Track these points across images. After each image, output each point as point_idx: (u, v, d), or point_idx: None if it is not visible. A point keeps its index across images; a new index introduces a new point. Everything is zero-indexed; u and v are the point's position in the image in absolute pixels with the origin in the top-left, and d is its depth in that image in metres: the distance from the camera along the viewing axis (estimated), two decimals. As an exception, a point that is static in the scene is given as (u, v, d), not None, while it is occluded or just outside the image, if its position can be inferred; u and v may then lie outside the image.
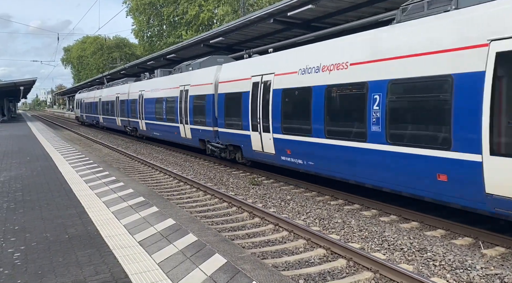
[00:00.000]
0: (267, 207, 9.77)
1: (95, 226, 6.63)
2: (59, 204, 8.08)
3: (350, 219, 8.61)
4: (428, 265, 6.25)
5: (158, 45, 55.03)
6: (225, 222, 8.87)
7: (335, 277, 6.02)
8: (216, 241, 5.68)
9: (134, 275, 4.75)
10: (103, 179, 10.60)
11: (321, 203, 9.96)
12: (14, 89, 40.63)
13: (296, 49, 11.85)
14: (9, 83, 38.11)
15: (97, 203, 8.21)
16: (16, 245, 5.83)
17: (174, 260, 5.16)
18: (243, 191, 11.46)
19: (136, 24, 59.54)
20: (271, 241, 7.58)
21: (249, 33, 19.29)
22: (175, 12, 52.08)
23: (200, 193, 11.52)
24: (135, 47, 73.07)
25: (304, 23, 16.79)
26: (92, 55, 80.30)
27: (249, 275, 4.57)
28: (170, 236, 6.02)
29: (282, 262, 6.50)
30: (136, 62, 35.43)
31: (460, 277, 5.83)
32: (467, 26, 6.94)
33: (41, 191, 9.35)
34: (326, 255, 6.80)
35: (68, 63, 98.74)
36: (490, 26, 6.55)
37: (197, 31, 46.63)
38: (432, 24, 7.57)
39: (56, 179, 10.79)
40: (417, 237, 7.40)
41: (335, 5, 14.34)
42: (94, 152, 20.34)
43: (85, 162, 13.84)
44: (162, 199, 8.56)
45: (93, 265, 5.06)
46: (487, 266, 6.12)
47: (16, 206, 8.00)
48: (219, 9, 43.92)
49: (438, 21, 7.48)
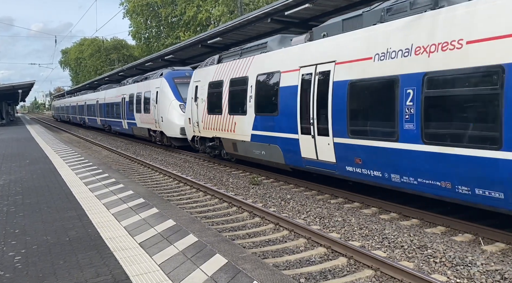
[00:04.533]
0: (267, 206, 9.78)
1: (96, 228, 6.63)
2: (59, 207, 8.08)
3: (350, 217, 8.62)
4: (429, 262, 6.26)
5: (156, 47, 54.98)
6: (225, 222, 8.87)
7: (336, 275, 6.03)
8: (216, 241, 5.69)
9: (135, 277, 4.76)
10: (103, 181, 10.60)
11: (321, 202, 9.97)
12: (12, 92, 40.59)
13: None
14: (8, 86, 38.06)
15: (97, 205, 8.21)
16: (17, 248, 5.84)
17: (175, 261, 5.17)
18: (243, 191, 11.47)
19: (133, 26, 59.52)
20: (271, 240, 7.59)
21: (246, 33, 19.31)
22: (173, 13, 52.05)
23: (200, 193, 11.53)
24: (133, 48, 73.01)
25: (302, 22, 16.81)
26: (90, 57, 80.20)
27: (250, 275, 4.57)
28: (170, 237, 6.02)
29: (283, 261, 6.51)
30: (134, 64, 35.49)
31: (460, 273, 5.84)
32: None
33: (41, 193, 9.35)
34: (326, 254, 6.81)
35: (66, 66, 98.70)
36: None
37: (195, 32, 46.61)
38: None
39: (56, 181, 10.79)
40: (417, 234, 7.41)
41: (332, 3, 14.36)
42: (93, 154, 20.33)
43: (84, 164, 13.84)
44: (162, 200, 8.57)
45: (94, 267, 5.07)
46: (487, 262, 6.13)
47: (16, 209, 8.00)
48: (215, 9, 43.88)
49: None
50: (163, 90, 20.39)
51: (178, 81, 20.08)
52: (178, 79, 20.15)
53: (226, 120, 14.17)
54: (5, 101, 54.58)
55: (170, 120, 19.77)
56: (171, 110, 19.77)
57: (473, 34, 6.69)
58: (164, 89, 20.29)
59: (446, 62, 7.07)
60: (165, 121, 20.16)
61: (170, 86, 20.09)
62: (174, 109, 19.66)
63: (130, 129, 26.43)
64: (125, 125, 27.16)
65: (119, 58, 72.59)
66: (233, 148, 14.12)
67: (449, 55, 7.03)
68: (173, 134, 19.87)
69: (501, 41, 6.28)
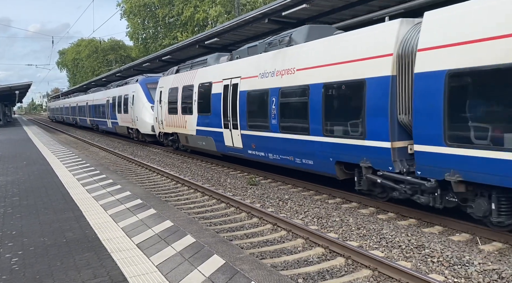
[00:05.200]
0: (265, 207, 9.78)
1: (93, 229, 6.62)
2: (56, 208, 8.06)
3: (348, 217, 8.62)
4: (426, 262, 6.27)
5: (153, 47, 54.93)
6: (223, 223, 8.87)
7: (334, 275, 6.03)
8: (214, 242, 5.68)
9: (132, 278, 4.75)
10: (100, 182, 10.58)
11: (319, 202, 9.97)
12: (9, 93, 40.52)
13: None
14: (4, 87, 37.94)
15: (95, 206, 8.19)
16: (14, 250, 5.82)
17: (172, 261, 5.16)
18: (240, 191, 11.46)
19: (131, 27, 59.42)
20: (269, 241, 7.58)
21: (244, 33, 19.30)
22: (170, 14, 52.00)
23: (198, 194, 11.51)
24: (130, 49, 72.89)
25: (299, 23, 16.76)
26: (87, 58, 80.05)
27: (248, 276, 4.57)
28: (168, 238, 6.01)
29: (280, 262, 6.50)
30: (131, 64, 35.45)
31: (458, 273, 5.85)
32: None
33: (38, 195, 9.33)
34: (324, 254, 6.81)
35: (64, 67, 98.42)
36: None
37: (192, 32, 46.58)
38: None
39: (53, 182, 10.76)
40: (415, 234, 7.42)
41: (329, 4, 14.36)
42: (90, 155, 20.29)
43: (81, 165, 13.81)
44: (160, 201, 8.55)
45: (91, 268, 5.06)
46: (484, 262, 6.14)
47: (13, 211, 7.98)
48: (212, 10, 43.86)
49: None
50: (137, 94, 23.91)
51: (150, 86, 23.24)
52: (150, 85, 23.31)
53: (180, 119, 17.80)
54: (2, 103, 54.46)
55: (143, 120, 23.22)
56: (144, 111, 23.16)
57: (299, 64, 10.70)
58: (139, 93, 23.85)
59: (289, 81, 10.97)
60: (139, 120, 23.65)
61: (143, 91, 23.62)
62: (147, 110, 22.97)
63: (113, 127, 29.92)
64: (109, 124, 30.75)
65: (116, 59, 72.47)
66: (186, 140, 17.86)
67: (290, 77, 10.95)
68: (146, 131, 23.23)
69: (309, 71, 10.33)
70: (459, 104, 6.83)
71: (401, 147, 8.19)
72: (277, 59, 11.51)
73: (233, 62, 14.17)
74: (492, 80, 6.37)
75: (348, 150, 9.17)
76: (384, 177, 8.41)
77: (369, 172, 8.79)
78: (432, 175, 7.37)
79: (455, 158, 6.90)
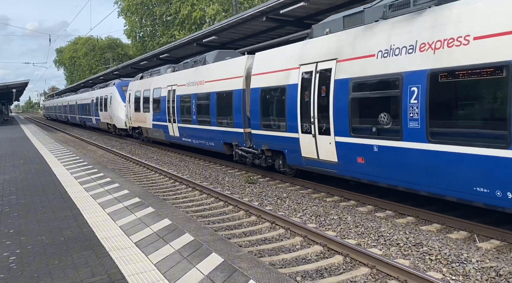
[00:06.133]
0: (263, 205, 9.78)
1: (91, 228, 6.60)
2: (54, 207, 8.04)
3: (346, 215, 8.63)
4: (424, 260, 6.28)
5: (151, 45, 54.77)
6: (221, 221, 8.86)
7: (332, 273, 6.04)
8: (212, 240, 5.68)
9: (131, 276, 4.74)
10: (98, 181, 10.56)
11: (317, 200, 9.98)
12: (6, 91, 40.34)
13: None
14: (1, 85, 37.74)
15: (93, 204, 8.17)
16: (11, 248, 5.80)
17: (171, 260, 5.16)
18: (239, 190, 11.46)
19: (128, 25, 59.20)
20: (267, 239, 7.59)
21: (242, 31, 19.26)
22: (168, 12, 51.84)
23: (196, 192, 11.51)
24: (127, 47, 72.67)
25: (297, 21, 16.80)
26: (84, 56, 79.73)
27: (246, 274, 4.57)
28: (166, 236, 6.01)
29: (279, 260, 6.51)
30: (129, 63, 35.38)
31: (456, 270, 5.87)
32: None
33: (36, 193, 9.30)
34: (322, 252, 6.82)
35: (61, 65, 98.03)
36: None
37: (190, 30, 46.45)
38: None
39: (50, 181, 10.73)
40: (413, 232, 7.44)
41: (327, 2, 14.35)
42: (88, 154, 20.25)
43: (79, 163, 13.78)
44: (158, 199, 8.54)
45: (89, 267, 5.05)
46: (482, 259, 6.16)
47: (11, 209, 7.95)
48: (209, 8, 43.73)
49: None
50: (114, 95, 28.59)
51: (124, 88, 27.38)
52: (124, 87, 27.48)
53: (142, 116, 22.65)
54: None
55: (119, 117, 27.86)
56: (119, 109, 27.73)
57: (206, 78, 15.85)
58: (115, 94, 28.49)
59: (201, 89, 16.60)
60: (116, 117, 28.45)
61: (119, 93, 28.14)
62: (121, 109, 27.42)
63: (97, 123, 34.59)
64: (94, 121, 35.54)
65: (113, 57, 72.14)
66: (146, 133, 22.80)
67: (201, 86, 16.58)
68: (120, 126, 27.87)
69: (210, 83, 15.34)
70: (267, 106, 11.97)
71: (248, 132, 13.14)
72: (196, 73, 16.50)
73: (175, 73, 19.12)
74: (273, 94, 11.67)
75: (228, 135, 14.21)
76: (242, 150, 13.61)
77: (238, 148, 13.76)
78: (258, 146, 12.62)
79: (264, 136, 12.16)
